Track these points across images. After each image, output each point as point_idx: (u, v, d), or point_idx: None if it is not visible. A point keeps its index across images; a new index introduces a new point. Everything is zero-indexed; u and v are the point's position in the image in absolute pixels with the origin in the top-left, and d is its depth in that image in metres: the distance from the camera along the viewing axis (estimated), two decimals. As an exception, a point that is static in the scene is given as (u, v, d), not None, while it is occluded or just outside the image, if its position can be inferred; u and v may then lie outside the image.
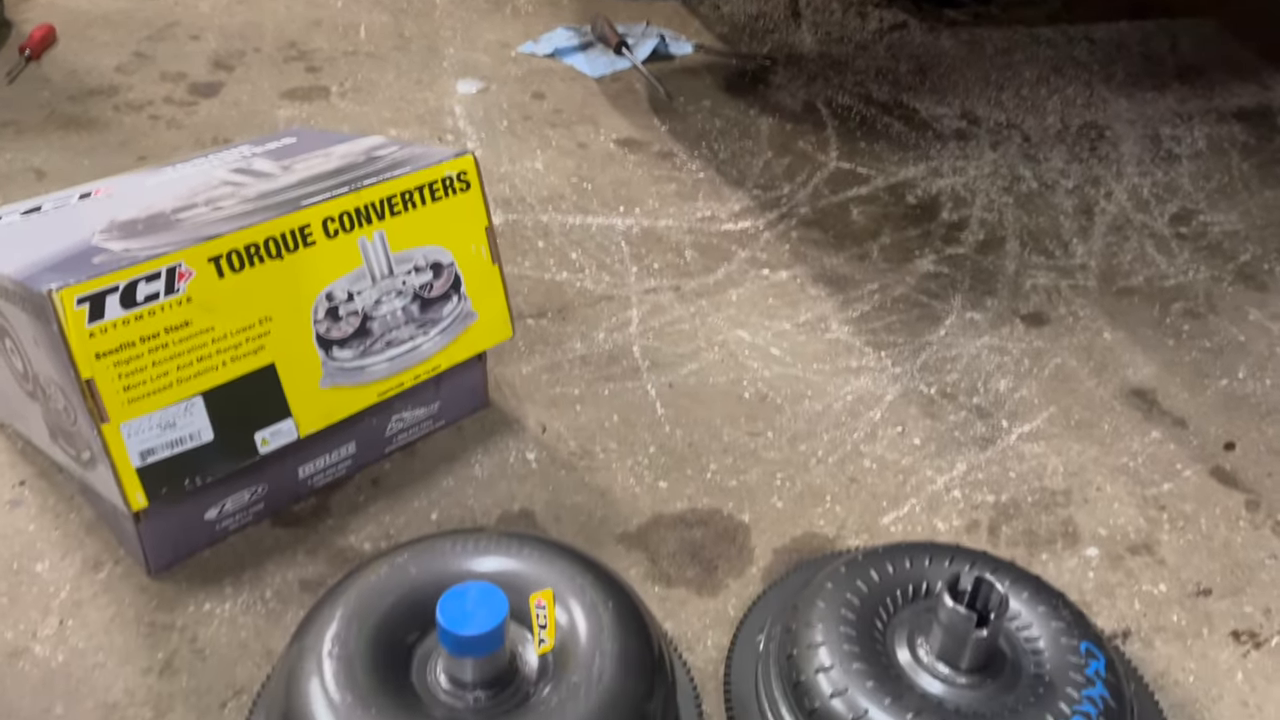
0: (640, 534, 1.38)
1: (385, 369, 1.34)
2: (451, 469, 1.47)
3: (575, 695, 0.97)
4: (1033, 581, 1.15)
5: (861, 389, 1.65)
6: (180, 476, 1.18)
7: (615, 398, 1.61)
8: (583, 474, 1.47)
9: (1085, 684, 1.03)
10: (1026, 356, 1.73)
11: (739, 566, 1.34)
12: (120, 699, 1.14)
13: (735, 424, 1.57)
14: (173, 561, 1.29)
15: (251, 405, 1.22)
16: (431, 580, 1.07)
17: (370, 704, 0.95)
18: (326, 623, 1.03)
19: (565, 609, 1.06)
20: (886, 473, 1.49)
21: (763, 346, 1.74)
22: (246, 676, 1.17)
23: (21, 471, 1.42)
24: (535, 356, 1.69)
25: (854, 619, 1.10)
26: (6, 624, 1.21)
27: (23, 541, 1.32)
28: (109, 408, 1.11)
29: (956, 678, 1.06)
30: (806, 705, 1.05)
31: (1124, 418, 1.60)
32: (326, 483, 1.42)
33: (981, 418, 1.60)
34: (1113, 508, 1.44)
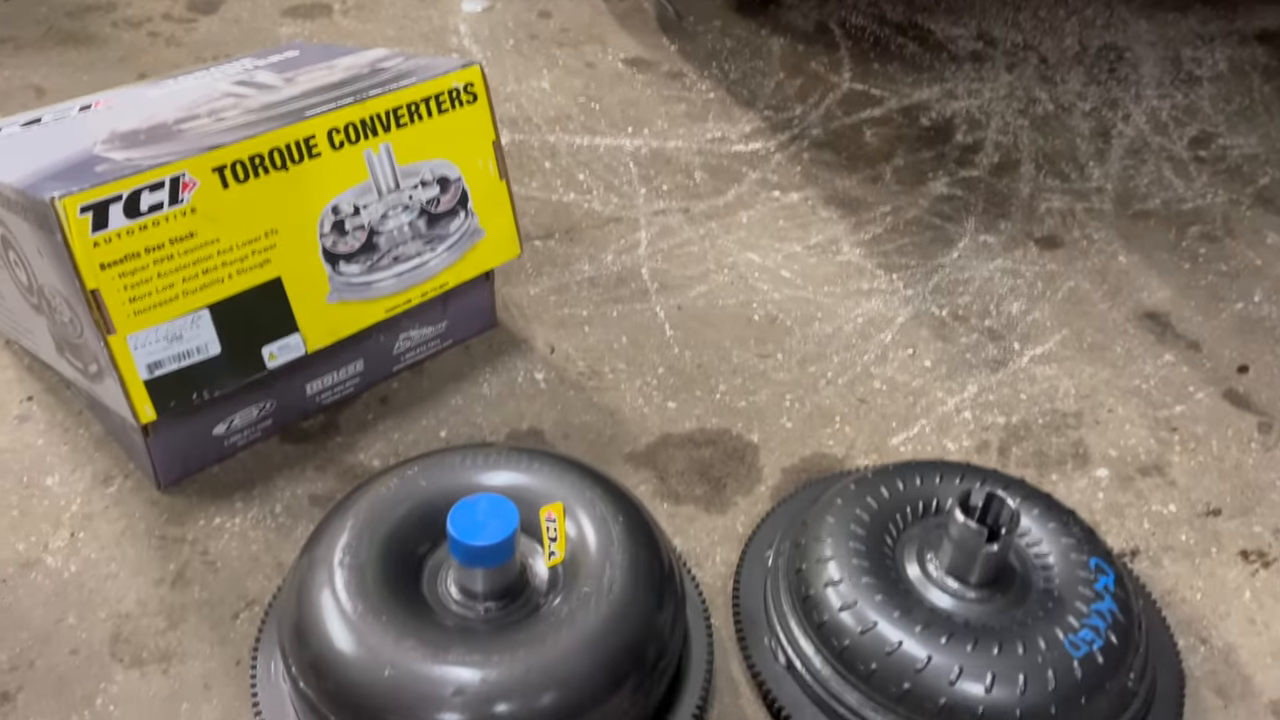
0: (649, 453, 1.38)
1: (392, 285, 1.32)
2: (460, 388, 1.47)
3: (585, 605, 0.97)
4: (1043, 499, 1.15)
5: (872, 311, 1.63)
6: (188, 390, 1.18)
7: (624, 319, 1.60)
8: (591, 394, 1.47)
9: (1094, 598, 1.03)
10: (1040, 279, 1.71)
11: (747, 485, 1.34)
12: (133, 609, 1.15)
13: (745, 346, 1.56)
14: (182, 476, 1.29)
15: (258, 319, 1.21)
16: (441, 493, 1.06)
17: (381, 612, 0.95)
18: (337, 534, 1.03)
19: (575, 522, 1.06)
20: (896, 394, 1.48)
21: (773, 269, 1.72)
22: (258, 588, 1.18)
23: (29, 387, 1.41)
24: (543, 278, 1.68)
25: (863, 534, 1.10)
26: (18, 536, 1.22)
27: (32, 456, 1.32)
28: (115, 319, 1.10)
29: (966, 592, 1.06)
30: (815, 619, 1.05)
31: (1137, 340, 1.59)
32: (335, 400, 1.41)
33: (993, 340, 1.58)
34: (1124, 429, 1.43)
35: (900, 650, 0.99)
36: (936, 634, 1.00)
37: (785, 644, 1.08)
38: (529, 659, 0.93)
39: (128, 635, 1.12)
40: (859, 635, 1.01)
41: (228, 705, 1.06)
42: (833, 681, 1.03)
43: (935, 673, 0.98)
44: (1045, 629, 1.00)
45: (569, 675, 0.93)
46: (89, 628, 1.12)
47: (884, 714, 1.00)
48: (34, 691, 1.06)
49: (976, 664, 0.97)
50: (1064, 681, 0.97)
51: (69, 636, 1.11)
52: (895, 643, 1.00)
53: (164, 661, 1.10)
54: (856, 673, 1.01)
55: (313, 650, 0.95)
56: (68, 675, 1.08)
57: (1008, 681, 0.97)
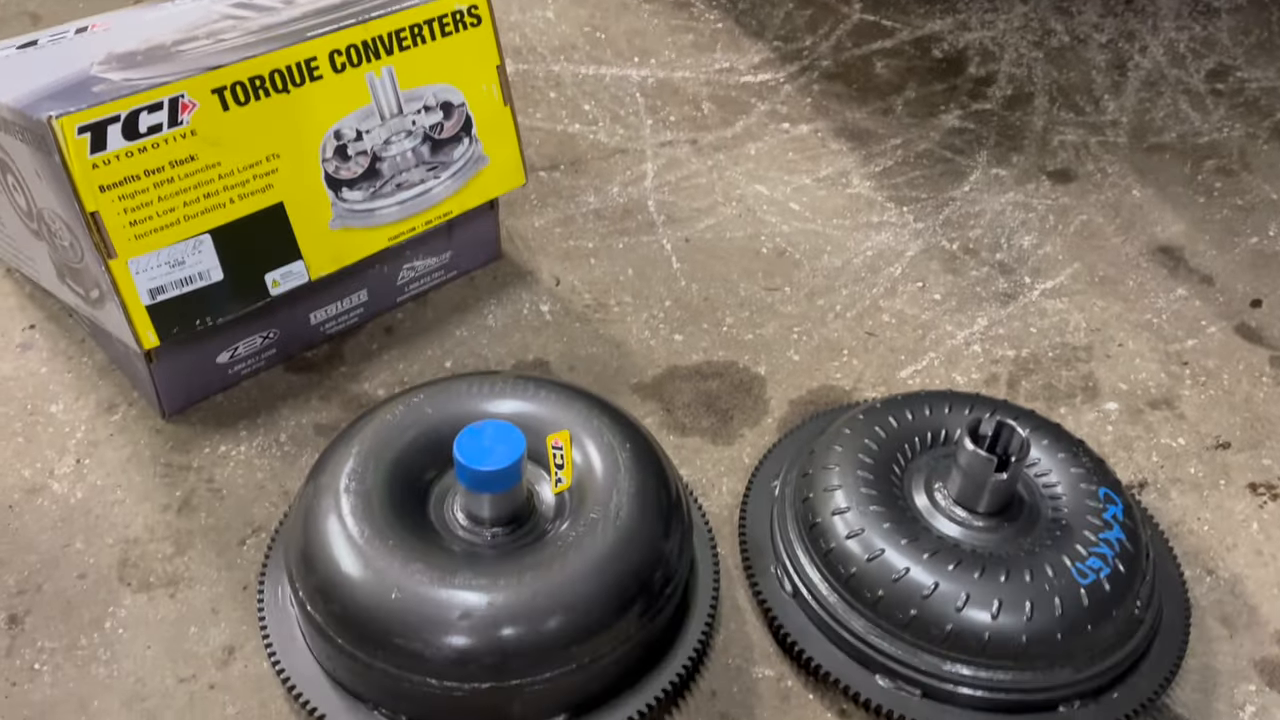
0: (655, 385, 1.37)
1: (396, 212, 1.30)
2: (464, 319, 1.45)
3: (592, 531, 0.97)
4: (1053, 429, 1.14)
5: (882, 244, 1.61)
6: (191, 316, 1.17)
7: (630, 252, 1.58)
8: (597, 326, 1.46)
9: (1103, 527, 1.03)
10: (1052, 213, 1.69)
11: (754, 417, 1.34)
12: (140, 534, 1.15)
13: (752, 279, 1.55)
14: (186, 404, 1.29)
15: (261, 245, 1.20)
16: (447, 420, 1.06)
17: (388, 537, 0.95)
18: (343, 460, 1.03)
19: (582, 450, 1.05)
20: (905, 327, 1.47)
21: (781, 201, 1.69)
22: (264, 515, 1.18)
23: (31, 315, 1.40)
24: (548, 209, 1.66)
25: (871, 464, 1.09)
26: (24, 462, 1.21)
27: (36, 383, 1.31)
28: (115, 243, 1.08)
29: (973, 521, 1.05)
30: (822, 546, 1.05)
31: (1150, 274, 1.57)
32: (339, 330, 1.40)
33: (1004, 274, 1.57)
34: (1134, 363, 1.42)
35: (907, 577, 0.99)
36: (943, 561, 0.99)
37: (792, 572, 1.08)
38: (535, 583, 0.93)
39: (135, 560, 1.12)
40: (866, 562, 1.01)
41: (235, 629, 1.07)
42: (839, 608, 1.03)
43: (942, 599, 0.97)
44: (1053, 557, 1.00)
45: (575, 599, 0.93)
46: (96, 553, 1.13)
47: (890, 640, 1.00)
48: (42, 615, 1.07)
49: (983, 591, 0.97)
50: (1071, 609, 0.97)
51: (76, 561, 1.12)
52: (902, 569, 0.99)
53: (171, 586, 1.10)
54: (863, 599, 1.01)
55: (319, 574, 0.95)
56: (76, 599, 1.08)
57: (1014, 608, 0.96)
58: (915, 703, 0.99)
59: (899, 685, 1.00)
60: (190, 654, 1.04)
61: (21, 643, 1.04)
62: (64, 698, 1.00)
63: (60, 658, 1.03)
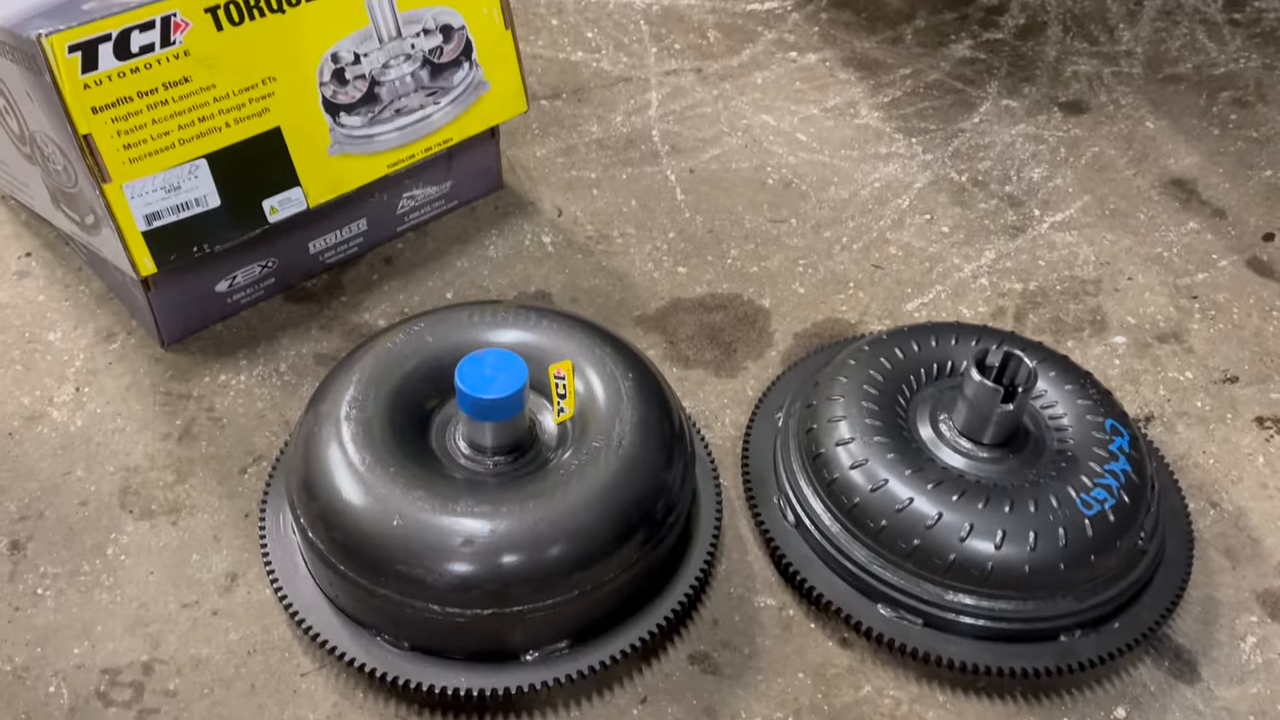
0: (658, 317, 1.36)
1: (395, 139, 1.28)
2: (465, 250, 1.44)
3: (595, 460, 0.96)
4: (1060, 360, 1.13)
5: (890, 176, 1.59)
6: (188, 243, 1.15)
7: (633, 182, 1.56)
8: (600, 258, 1.44)
9: (1109, 459, 1.02)
10: (1063, 145, 1.66)
11: (758, 349, 1.32)
12: (141, 462, 1.14)
13: (758, 210, 1.52)
14: (185, 333, 1.28)
15: (258, 171, 1.18)
16: (448, 349, 1.04)
17: (389, 464, 0.95)
18: (343, 388, 1.02)
19: (584, 379, 1.04)
20: (912, 260, 1.45)
21: (788, 132, 1.66)
22: (265, 444, 1.17)
23: (27, 243, 1.38)
24: (550, 139, 1.63)
25: (876, 394, 1.08)
26: (23, 390, 1.21)
27: (33, 311, 1.30)
28: (109, 167, 1.06)
29: (978, 452, 1.05)
30: (825, 477, 1.04)
31: (1161, 207, 1.54)
32: (338, 260, 1.38)
33: (1013, 206, 1.54)
34: (1143, 297, 1.40)
35: (910, 507, 0.99)
36: (948, 492, 0.99)
37: (794, 502, 1.08)
38: (538, 511, 0.92)
39: (136, 488, 1.12)
40: (869, 493, 1.01)
41: (237, 556, 1.07)
42: (841, 538, 1.03)
43: (945, 529, 0.97)
44: (1058, 488, 0.99)
45: (577, 527, 0.93)
46: (97, 480, 1.12)
47: (892, 570, 1.00)
48: (44, 541, 1.07)
49: (987, 521, 0.97)
50: (1074, 539, 0.96)
51: (77, 488, 1.11)
52: (905, 500, 0.99)
53: (173, 514, 1.10)
54: (866, 530, 1.01)
55: (321, 502, 0.95)
56: (77, 526, 1.08)
57: (1018, 539, 0.96)
58: (917, 631, 1.00)
59: (901, 614, 1.00)
60: (193, 580, 1.04)
61: (24, 568, 1.04)
62: (67, 622, 1.00)
63: (63, 583, 1.03)
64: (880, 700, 0.99)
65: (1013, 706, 0.98)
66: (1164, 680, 1.01)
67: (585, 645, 0.97)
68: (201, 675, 0.97)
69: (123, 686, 0.96)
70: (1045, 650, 0.98)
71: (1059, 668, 0.97)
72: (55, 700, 0.95)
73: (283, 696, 0.96)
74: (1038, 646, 0.99)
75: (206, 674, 0.98)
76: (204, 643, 1.00)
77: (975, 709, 0.98)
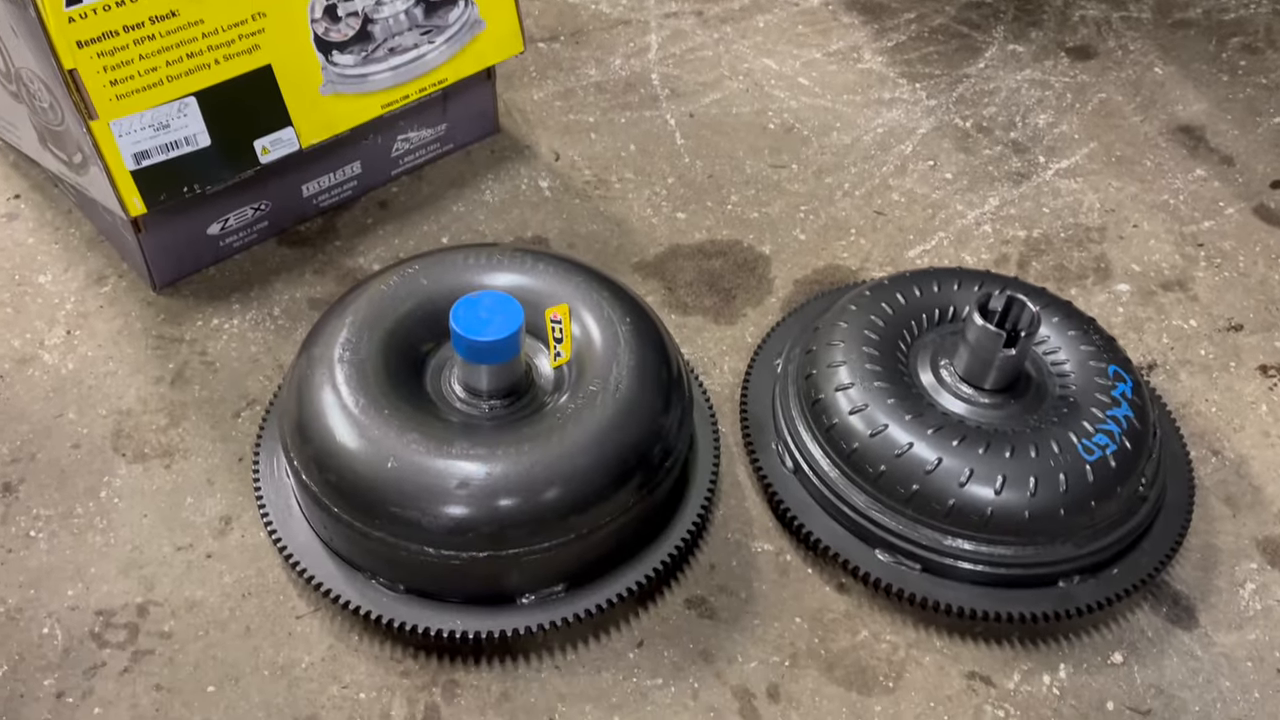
0: (657, 263, 1.34)
1: (389, 78, 1.25)
2: (461, 194, 1.41)
3: (591, 403, 0.95)
4: (1063, 306, 1.11)
5: (893, 121, 1.56)
6: (178, 183, 1.13)
7: (632, 126, 1.53)
8: (598, 203, 1.42)
9: (1111, 404, 1.01)
10: (1070, 91, 1.63)
11: (758, 296, 1.31)
12: (134, 406, 1.13)
13: (758, 156, 1.50)
14: (177, 277, 1.26)
15: (249, 110, 1.15)
16: (443, 292, 1.03)
17: (383, 406, 0.93)
18: (336, 330, 1.00)
19: (581, 324, 1.03)
20: (915, 206, 1.43)
21: (790, 76, 1.63)
22: (258, 388, 1.16)
23: (16, 185, 1.36)
24: (547, 82, 1.60)
25: (877, 340, 1.07)
26: (13, 332, 1.19)
27: (23, 254, 1.28)
28: (96, 103, 1.04)
29: (979, 397, 1.04)
30: (824, 422, 1.03)
31: (1168, 154, 1.52)
32: (332, 204, 1.36)
33: (1018, 153, 1.52)
34: (1148, 244, 1.38)
35: (910, 453, 0.98)
36: (948, 437, 0.98)
37: (793, 448, 1.07)
38: (534, 454, 0.91)
39: (129, 431, 1.11)
40: (869, 438, 1.00)
41: (231, 499, 1.06)
42: (840, 484, 1.02)
43: (945, 475, 0.96)
44: (1059, 433, 0.98)
45: (574, 470, 0.92)
46: (89, 423, 1.11)
47: (891, 515, 0.99)
48: (36, 483, 1.06)
49: (987, 467, 0.96)
50: (1075, 484, 0.96)
51: (70, 431, 1.10)
52: (905, 445, 0.98)
53: (166, 457, 1.09)
54: (865, 475, 1.00)
55: (314, 444, 0.94)
56: (70, 468, 1.07)
57: (1018, 484, 0.95)
58: (915, 577, 0.99)
59: (899, 559, 1.00)
60: (187, 524, 1.04)
61: (16, 510, 1.03)
62: (60, 564, 1.00)
63: (56, 525, 1.03)
64: (877, 645, 0.98)
65: (1011, 651, 0.98)
66: (1162, 626, 1.01)
67: (581, 589, 0.96)
68: (196, 617, 0.97)
69: (117, 628, 0.96)
70: (1044, 595, 0.98)
71: (1057, 613, 0.97)
72: (49, 641, 0.94)
73: (278, 639, 0.96)
74: (1036, 592, 0.98)
75: (201, 616, 0.97)
76: (198, 585, 0.99)
77: (972, 653, 0.98)
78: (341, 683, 0.93)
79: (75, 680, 0.92)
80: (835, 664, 0.97)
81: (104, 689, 0.92)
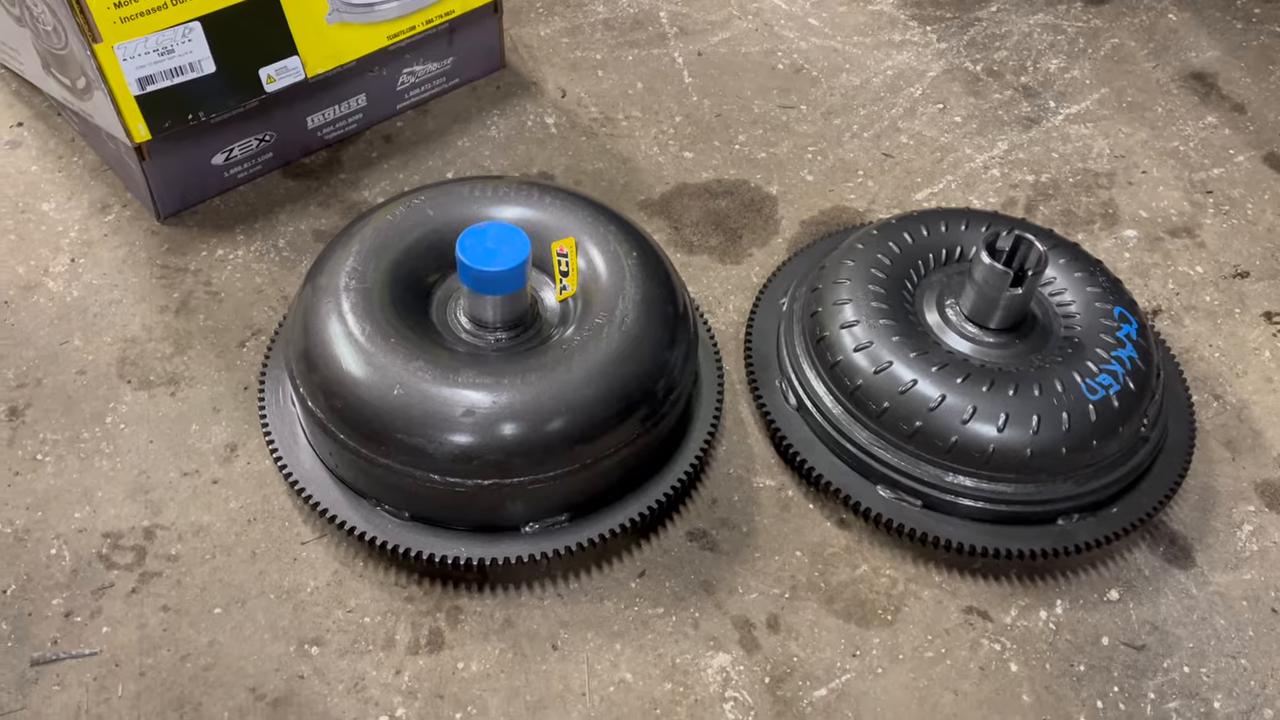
0: (663, 202, 1.33)
1: (395, 9, 1.24)
2: (466, 129, 1.40)
3: (597, 336, 0.95)
4: (1070, 248, 1.11)
5: (903, 64, 1.55)
6: (183, 109, 1.12)
7: (640, 64, 1.52)
8: (604, 140, 1.41)
9: (1115, 345, 1.01)
10: (1082, 36, 1.61)
11: (764, 236, 1.30)
12: (139, 334, 1.13)
13: (767, 96, 1.49)
14: (182, 207, 1.25)
15: (254, 37, 1.14)
16: (449, 224, 1.02)
17: (390, 335, 0.93)
18: (342, 259, 1.00)
19: (587, 257, 1.02)
20: (923, 149, 1.42)
21: (800, 16, 1.62)
22: (263, 319, 1.16)
23: (18, 113, 1.35)
24: (554, 18, 1.58)
25: (883, 279, 1.07)
26: (17, 259, 1.19)
27: (26, 182, 1.27)
28: (100, 25, 1.03)
29: (984, 337, 1.04)
30: (829, 359, 1.03)
31: (1180, 101, 1.51)
32: (337, 136, 1.35)
33: (1028, 97, 1.50)
34: (1157, 191, 1.38)
35: (913, 390, 0.98)
36: (952, 375, 0.98)
37: (796, 385, 1.07)
38: (540, 384, 0.91)
39: (134, 359, 1.11)
40: (872, 375, 1.00)
41: (237, 427, 1.06)
42: (843, 420, 1.02)
43: (947, 412, 0.97)
44: (1063, 373, 0.99)
45: (579, 400, 0.92)
46: (95, 350, 1.11)
47: (893, 451, 1.00)
48: (42, 408, 1.06)
49: (990, 404, 0.96)
50: (1078, 423, 0.96)
51: (75, 358, 1.11)
52: (909, 382, 0.98)
53: (172, 385, 1.09)
54: (867, 411, 1.00)
55: (321, 372, 0.94)
56: (76, 394, 1.08)
57: (1020, 422, 0.96)
58: (915, 513, 1.00)
59: (900, 495, 1.00)
60: (192, 450, 1.04)
61: (23, 434, 1.04)
62: (67, 487, 1.00)
63: (63, 449, 1.03)
64: (876, 579, 1.00)
65: (1008, 587, 0.99)
66: (1159, 565, 1.02)
67: (584, 519, 0.97)
68: (202, 541, 0.98)
69: (124, 550, 0.97)
70: (1043, 533, 0.99)
71: (1055, 550, 0.98)
72: (56, 562, 0.95)
73: (283, 564, 0.97)
74: (1036, 529, 0.99)
75: (207, 540, 0.98)
76: (204, 510, 1.00)
77: (971, 589, 0.99)
78: (346, 607, 0.95)
79: (84, 600, 0.93)
80: (835, 597, 0.98)
81: (112, 609, 0.93)
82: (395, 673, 0.91)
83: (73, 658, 0.90)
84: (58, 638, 0.91)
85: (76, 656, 0.90)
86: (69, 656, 0.90)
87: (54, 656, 0.90)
